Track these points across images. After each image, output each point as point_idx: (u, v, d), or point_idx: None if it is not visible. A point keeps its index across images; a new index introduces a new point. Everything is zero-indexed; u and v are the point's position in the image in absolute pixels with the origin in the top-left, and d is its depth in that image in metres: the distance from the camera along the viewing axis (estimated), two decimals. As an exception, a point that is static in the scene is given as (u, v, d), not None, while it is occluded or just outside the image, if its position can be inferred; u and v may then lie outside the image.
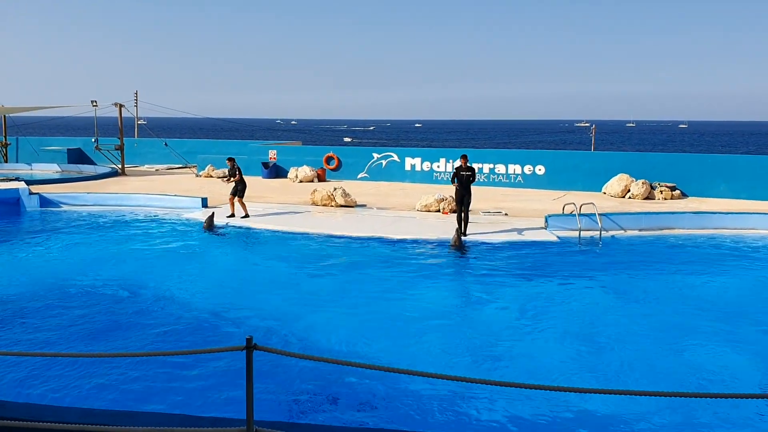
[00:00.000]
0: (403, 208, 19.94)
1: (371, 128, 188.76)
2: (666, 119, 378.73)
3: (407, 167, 26.87)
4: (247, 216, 18.31)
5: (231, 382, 7.52)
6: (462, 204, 16.02)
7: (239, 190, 18.70)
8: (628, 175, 22.71)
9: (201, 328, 10.03)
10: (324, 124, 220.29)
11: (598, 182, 23.47)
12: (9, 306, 11.16)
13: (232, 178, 18.85)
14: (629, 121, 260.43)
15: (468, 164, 16.37)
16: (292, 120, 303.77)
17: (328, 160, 28.16)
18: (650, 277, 13.15)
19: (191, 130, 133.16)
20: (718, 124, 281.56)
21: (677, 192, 22.08)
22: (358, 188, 23.62)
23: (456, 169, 16.43)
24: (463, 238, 15.61)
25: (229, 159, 19.35)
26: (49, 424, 5.12)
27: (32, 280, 12.93)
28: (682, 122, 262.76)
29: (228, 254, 15.13)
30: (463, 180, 16.08)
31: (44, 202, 21.25)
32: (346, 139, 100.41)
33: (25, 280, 12.90)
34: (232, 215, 18.41)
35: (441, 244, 15.36)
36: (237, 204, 18.60)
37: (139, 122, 50.87)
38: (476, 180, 16.58)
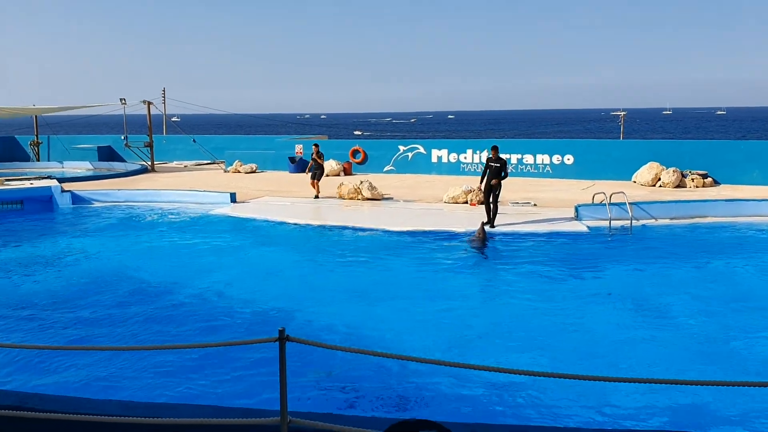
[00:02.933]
0: (430, 200, 19.90)
1: (413, 120, 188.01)
2: (704, 107, 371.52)
3: (433, 159, 26.77)
4: (317, 197, 20.42)
5: (265, 372, 7.59)
6: (490, 195, 15.93)
7: (317, 174, 20.84)
8: (658, 164, 22.39)
9: (234, 320, 10.16)
10: (354, 118, 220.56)
11: (628, 171, 23.16)
12: (45, 301, 11.38)
13: (314, 161, 21.02)
14: (666, 109, 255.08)
15: (498, 155, 16.29)
16: (322, 114, 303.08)
17: (354, 153, 28.19)
18: (684, 267, 12.98)
19: (219, 126, 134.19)
20: (759, 110, 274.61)
21: (709, 180, 21.73)
22: (385, 181, 23.62)
23: (486, 160, 16.37)
24: (489, 229, 15.53)
25: (315, 144, 21.59)
26: (89, 416, 5.21)
27: (67, 276, 13.18)
28: (720, 109, 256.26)
29: (258, 248, 15.24)
30: (493, 171, 16.00)
31: (76, 199, 21.60)
32: (357, 132, 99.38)
33: (59, 277, 13.15)
34: (317, 197, 20.52)
35: (469, 235, 15.31)
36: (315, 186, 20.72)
37: (172, 120, 51.39)
38: (508, 173, 16.33)
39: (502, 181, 16.01)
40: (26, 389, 6.81)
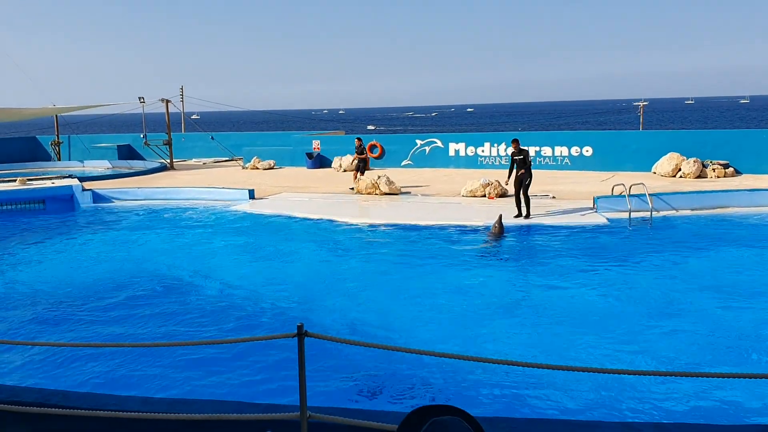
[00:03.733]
0: (448, 194, 19.85)
1: (434, 114, 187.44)
2: (727, 95, 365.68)
3: (451, 153, 26.68)
4: (353, 188, 20.82)
5: (285, 368, 7.63)
6: (520, 188, 15.91)
7: (360, 168, 21.54)
8: (678, 154, 22.12)
9: (254, 316, 10.22)
10: (373, 112, 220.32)
11: (648, 162, 22.92)
12: (67, 299, 11.51)
13: (358, 156, 21.84)
14: (688, 99, 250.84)
15: (520, 147, 16.24)
16: (340, 110, 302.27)
17: (372, 148, 28.15)
18: (706, 257, 12.84)
19: (237, 123, 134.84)
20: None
21: (731, 169, 21.43)
22: (402, 175, 23.57)
23: (510, 155, 16.42)
24: (524, 221, 15.58)
25: (358, 139, 22.69)
26: (110, 412, 5.27)
27: (88, 274, 13.32)
28: (743, 97, 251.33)
29: (276, 244, 15.28)
30: (518, 164, 15.99)
31: (97, 197, 21.82)
32: (370, 127, 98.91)
33: (82, 274, 13.30)
34: (352, 188, 20.95)
35: (488, 229, 15.25)
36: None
37: (192, 117, 51.69)
38: (530, 162, 16.31)
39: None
40: (49, 386, 6.89)
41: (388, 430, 4.57)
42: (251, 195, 20.42)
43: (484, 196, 18.98)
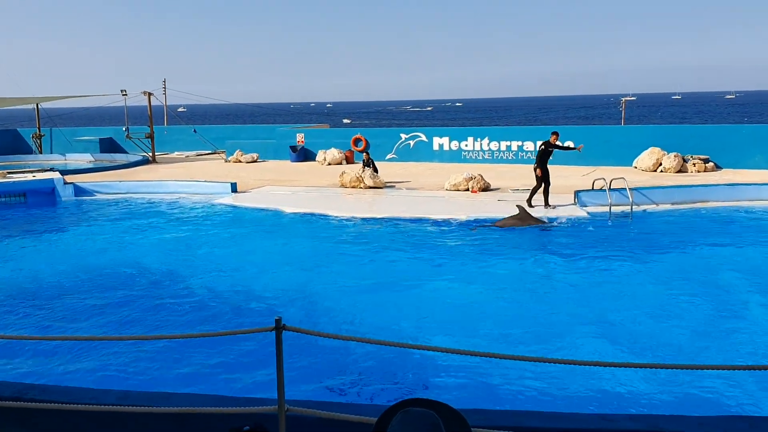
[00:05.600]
0: (432, 187, 19.90)
1: (429, 108, 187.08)
2: (714, 90, 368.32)
3: (435, 147, 26.74)
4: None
5: (262, 362, 7.64)
6: (548, 178, 16.52)
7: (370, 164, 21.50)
8: (659, 149, 22.30)
9: (233, 310, 10.21)
10: (360, 107, 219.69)
11: (629, 156, 23.09)
12: (48, 292, 11.44)
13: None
14: (675, 94, 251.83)
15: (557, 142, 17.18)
16: (327, 103, 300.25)
17: (356, 141, 28.14)
18: (684, 252, 12.98)
19: (223, 116, 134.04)
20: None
21: (711, 164, 21.65)
22: (387, 169, 23.55)
23: (544, 144, 16.92)
24: (545, 209, 16.21)
25: (366, 153, 22.45)
26: (88, 406, 5.25)
27: (68, 267, 13.22)
28: (730, 93, 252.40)
29: (259, 237, 15.26)
30: (547, 154, 16.67)
31: (79, 191, 21.64)
32: (345, 121, 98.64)
33: (62, 268, 13.19)
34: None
35: (471, 222, 15.32)
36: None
37: (178, 110, 51.33)
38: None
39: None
40: (26, 380, 6.86)
41: (366, 423, 4.59)
42: (234, 188, 20.34)
43: (468, 189, 19.06)
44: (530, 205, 16.24)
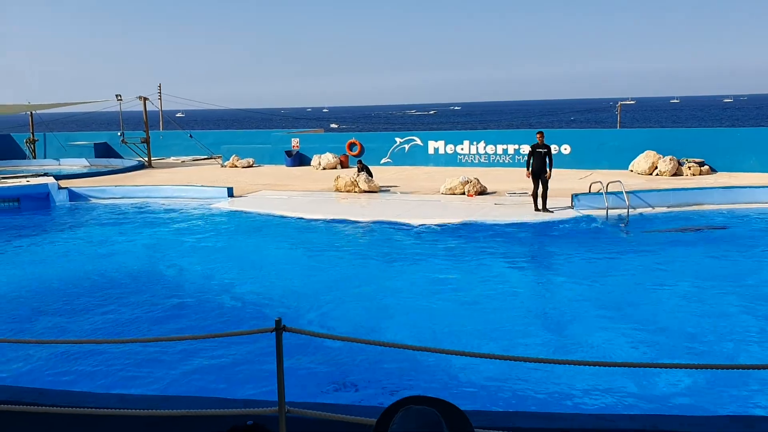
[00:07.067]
0: (427, 191, 19.91)
1: (432, 112, 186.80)
2: (713, 94, 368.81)
3: (430, 151, 26.75)
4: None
5: (264, 363, 7.63)
6: (539, 180, 16.13)
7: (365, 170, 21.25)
8: (654, 152, 22.38)
9: (232, 312, 10.22)
10: (358, 111, 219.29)
11: (625, 160, 23.15)
12: (42, 298, 11.40)
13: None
14: (674, 98, 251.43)
15: (544, 142, 16.56)
16: (323, 107, 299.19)
17: (351, 146, 28.15)
18: (681, 254, 13.03)
19: (219, 121, 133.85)
20: (765, 97, 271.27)
21: (706, 167, 21.73)
22: (382, 173, 23.56)
23: (531, 147, 16.61)
24: (544, 214, 15.94)
25: (359, 161, 22.34)
26: (89, 409, 5.24)
27: (63, 272, 13.19)
28: (728, 97, 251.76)
29: (255, 241, 15.25)
30: (542, 156, 16.24)
31: (73, 196, 21.57)
32: (333, 126, 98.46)
33: (55, 273, 13.16)
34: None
35: (466, 226, 15.33)
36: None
37: (177, 115, 51.28)
38: (552, 158, 16.58)
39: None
40: (25, 383, 6.84)
41: (366, 424, 4.60)
42: (230, 193, 20.32)
43: (464, 193, 19.07)
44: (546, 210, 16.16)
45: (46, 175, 24.77)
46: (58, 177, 23.77)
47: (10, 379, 7.26)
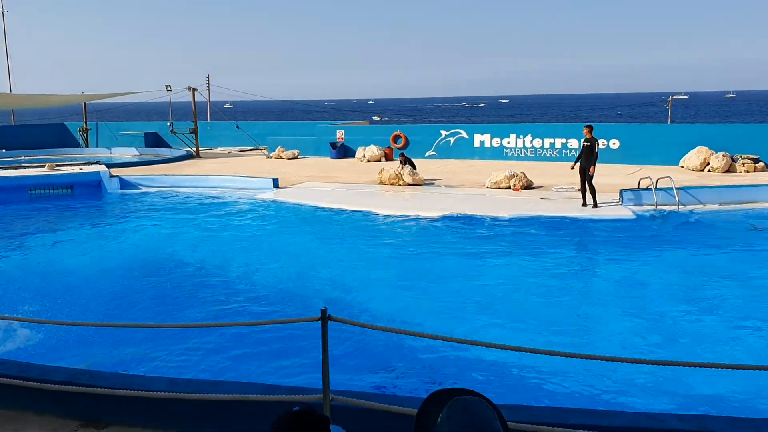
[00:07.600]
0: (472, 185, 19.78)
1: (481, 105, 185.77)
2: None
3: (476, 144, 26.57)
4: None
5: (310, 351, 7.71)
6: (584, 175, 15.92)
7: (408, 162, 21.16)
8: (707, 148, 21.77)
9: (277, 302, 10.34)
10: (403, 103, 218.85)
11: (675, 156, 22.61)
12: (95, 281, 11.71)
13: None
14: (729, 92, 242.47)
15: (592, 135, 16.24)
16: (369, 100, 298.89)
17: (396, 138, 28.12)
18: (730, 252, 12.70)
19: (267, 112, 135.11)
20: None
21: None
22: (426, 166, 23.48)
23: (582, 141, 16.50)
24: (592, 210, 15.68)
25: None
26: (136, 391, 5.37)
27: (115, 258, 13.52)
28: None
29: (300, 232, 15.36)
30: (585, 151, 16.04)
31: (124, 184, 22.07)
32: (375, 118, 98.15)
33: (109, 258, 13.50)
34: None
35: (513, 220, 15.19)
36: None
37: (225, 106, 51.96)
38: (597, 153, 16.19)
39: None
40: (77, 365, 7.03)
41: (408, 414, 4.60)
42: (275, 184, 20.51)
43: (509, 187, 18.87)
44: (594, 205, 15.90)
45: (98, 163, 25.36)
46: (109, 165, 24.33)
47: (63, 361, 7.47)
